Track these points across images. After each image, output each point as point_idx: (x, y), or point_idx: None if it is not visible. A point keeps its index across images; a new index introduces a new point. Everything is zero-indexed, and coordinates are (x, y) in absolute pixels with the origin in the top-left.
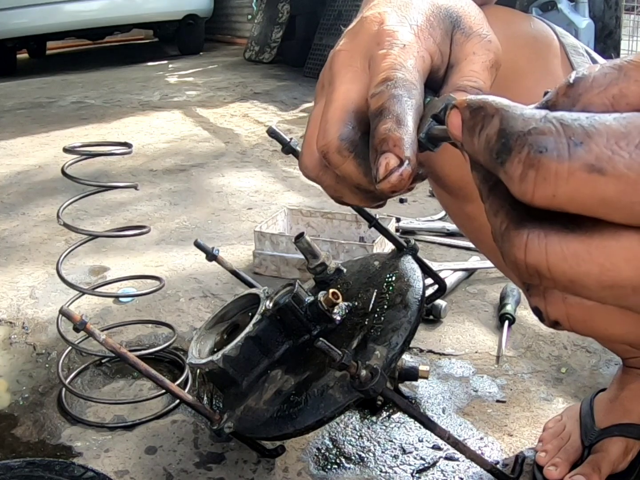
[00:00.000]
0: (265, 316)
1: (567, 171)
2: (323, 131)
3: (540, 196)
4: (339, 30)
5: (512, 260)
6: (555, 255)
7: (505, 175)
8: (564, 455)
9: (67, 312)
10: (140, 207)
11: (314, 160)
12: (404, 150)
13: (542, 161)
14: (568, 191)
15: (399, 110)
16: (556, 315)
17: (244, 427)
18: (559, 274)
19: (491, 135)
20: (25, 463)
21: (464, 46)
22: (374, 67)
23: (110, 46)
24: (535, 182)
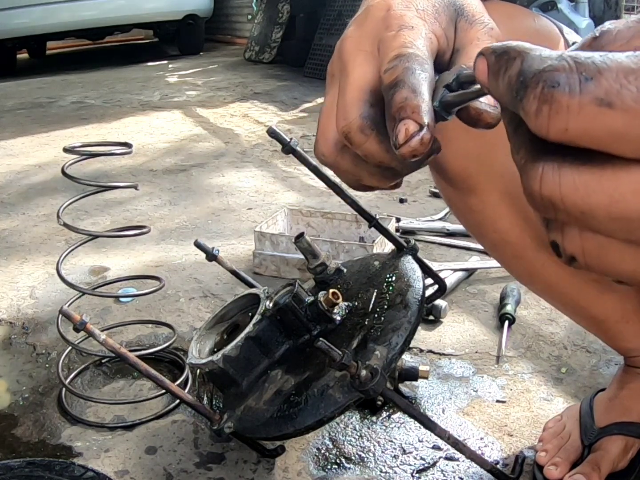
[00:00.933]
0: (265, 316)
1: (578, 105)
2: (343, 112)
3: (554, 130)
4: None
5: (529, 192)
6: (568, 187)
7: (523, 112)
8: (564, 455)
9: (67, 312)
10: (140, 207)
11: (331, 146)
12: (422, 116)
13: (554, 96)
14: (579, 124)
15: (413, 80)
16: (572, 250)
17: (244, 427)
18: (571, 205)
19: (512, 76)
20: (25, 463)
21: (468, 32)
22: (384, 48)
23: (110, 46)
24: (549, 116)
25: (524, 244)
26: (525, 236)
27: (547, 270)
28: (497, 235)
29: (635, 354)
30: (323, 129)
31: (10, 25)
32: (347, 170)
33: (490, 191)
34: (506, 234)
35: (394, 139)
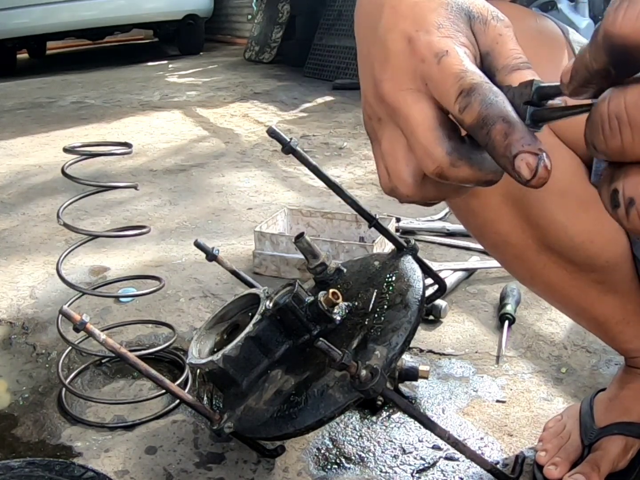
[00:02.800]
0: (265, 316)
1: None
2: (427, 155)
3: (627, 19)
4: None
5: (596, 118)
6: (632, 96)
7: (603, 20)
8: (564, 455)
9: (67, 312)
10: (140, 207)
11: (412, 186)
12: (535, 145)
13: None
14: None
15: (499, 112)
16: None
17: (244, 427)
18: (634, 111)
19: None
20: (25, 463)
21: (488, 33)
22: (436, 85)
23: (110, 46)
24: (626, 8)
25: (525, 245)
26: (526, 237)
27: (548, 271)
28: (498, 237)
29: (636, 355)
30: (396, 173)
31: (10, 25)
32: (435, 197)
33: (492, 193)
34: (507, 236)
35: (516, 176)
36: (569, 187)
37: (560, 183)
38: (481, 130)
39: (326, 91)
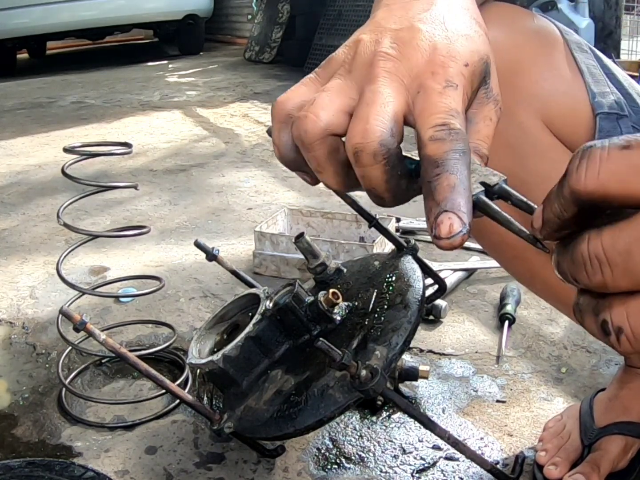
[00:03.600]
0: (265, 316)
1: (607, 153)
2: (363, 130)
3: (589, 178)
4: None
5: (579, 259)
6: (607, 237)
7: (568, 176)
8: (564, 454)
9: (67, 312)
10: (140, 207)
11: (318, 129)
12: (466, 217)
13: (591, 152)
14: (608, 168)
15: (461, 169)
16: (618, 319)
17: (244, 427)
18: (611, 252)
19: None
20: (25, 463)
21: (484, 107)
22: (426, 101)
23: (110, 46)
24: (587, 167)
25: (524, 245)
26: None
27: (547, 271)
28: (497, 237)
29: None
30: (319, 107)
31: (10, 25)
32: (316, 159)
33: None
34: (506, 235)
35: (433, 226)
36: None
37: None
38: (435, 167)
39: None
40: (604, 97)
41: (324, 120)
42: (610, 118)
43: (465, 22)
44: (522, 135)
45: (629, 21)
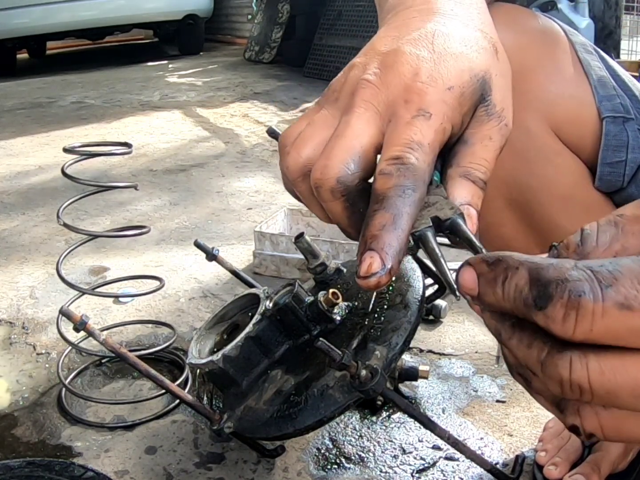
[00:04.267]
0: (265, 316)
1: (602, 309)
2: (323, 166)
3: (580, 331)
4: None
5: (557, 380)
6: (595, 372)
7: (546, 317)
8: (564, 455)
9: (67, 312)
10: (140, 207)
11: (299, 166)
12: (390, 258)
13: (581, 303)
14: (603, 326)
15: (400, 207)
16: (591, 428)
17: (244, 427)
18: (598, 387)
19: (522, 285)
20: (25, 463)
21: (483, 126)
22: (392, 132)
23: (110, 46)
24: (577, 320)
25: (528, 250)
26: (529, 242)
27: None
28: (501, 241)
29: None
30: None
31: (10, 25)
32: (302, 194)
33: (495, 197)
34: (510, 240)
35: (358, 263)
36: (572, 192)
37: (564, 188)
38: (375, 203)
39: None
40: (610, 100)
41: (303, 156)
42: (616, 121)
43: (461, 38)
44: (528, 140)
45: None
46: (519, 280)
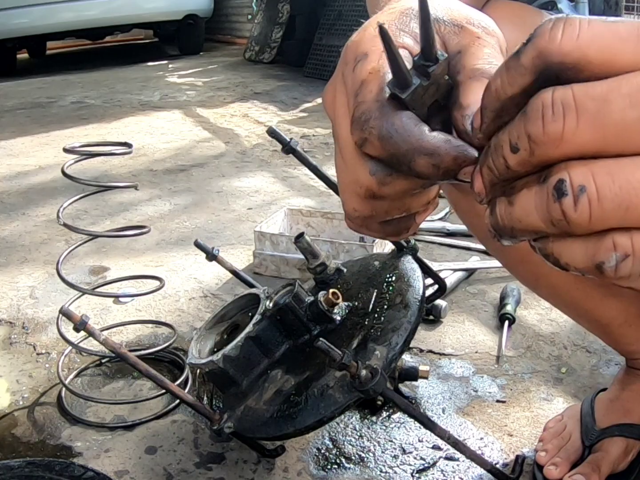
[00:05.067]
0: (265, 316)
1: (588, 21)
2: (354, 181)
3: (567, 38)
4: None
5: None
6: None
7: (533, 39)
8: (564, 455)
9: (67, 312)
10: (140, 207)
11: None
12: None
13: (568, 18)
14: (590, 30)
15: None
16: (581, 178)
17: (244, 427)
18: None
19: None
20: (25, 463)
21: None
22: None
23: (110, 46)
24: (564, 28)
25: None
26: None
27: (553, 274)
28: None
29: (638, 357)
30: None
31: (10, 25)
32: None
33: None
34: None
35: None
36: None
37: None
38: (399, 166)
39: None
40: None
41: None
42: None
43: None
44: None
45: None
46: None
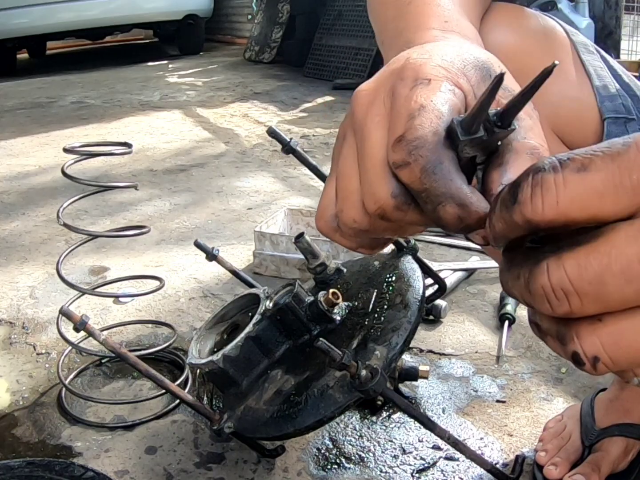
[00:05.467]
0: (265, 316)
1: (562, 178)
2: (371, 194)
3: (548, 206)
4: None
5: (541, 294)
6: (572, 266)
7: (519, 206)
8: (564, 455)
9: (67, 312)
10: (140, 207)
11: (362, 212)
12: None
13: (543, 177)
14: (567, 194)
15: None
16: (591, 349)
17: (244, 427)
18: (579, 281)
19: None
20: (25, 463)
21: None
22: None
23: (110, 46)
24: (542, 195)
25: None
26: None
27: None
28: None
29: None
30: (345, 192)
31: (10, 25)
32: (387, 230)
33: None
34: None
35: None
36: None
37: None
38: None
39: (326, 91)
40: (611, 101)
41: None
42: (618, 122)
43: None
44: None
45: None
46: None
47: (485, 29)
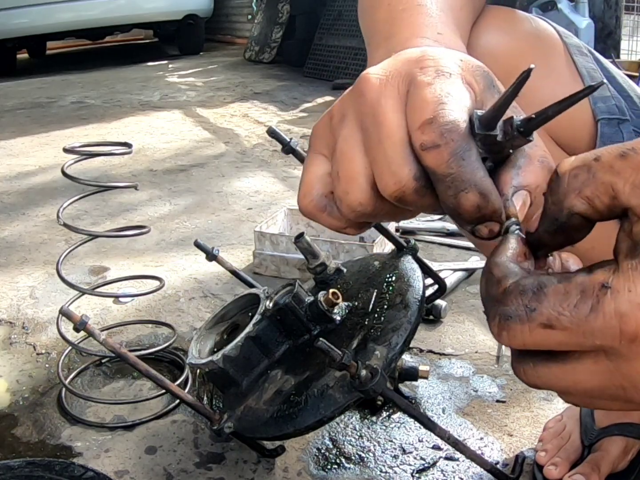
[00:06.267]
0: (265, 316)
1: (528, 330)
2: (391, 174)
3: (515, 345)
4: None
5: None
6: (545, 377)
7: (490, 326)
8: (564, 455)
9: (67, 312)
10: (140, 207)
11: (368, 195)
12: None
13: (510, 325)
14: (533, 341)
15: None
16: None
17: (244, 427)
18: (551, 387)
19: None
20: (25, 463)
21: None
22: (416, 95)
23: (110, 46)
24: (509, 338)
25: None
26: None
27: None
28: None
29: None
30: (350, 174)
31: (10, 25)
32: (389, 213)
33: None
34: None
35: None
36: None
37: None
38: (447, 188)
39: (326, 91)
40: (604, 102)
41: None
42: (611, 123)
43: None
44: None
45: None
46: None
47: (478, 32)
